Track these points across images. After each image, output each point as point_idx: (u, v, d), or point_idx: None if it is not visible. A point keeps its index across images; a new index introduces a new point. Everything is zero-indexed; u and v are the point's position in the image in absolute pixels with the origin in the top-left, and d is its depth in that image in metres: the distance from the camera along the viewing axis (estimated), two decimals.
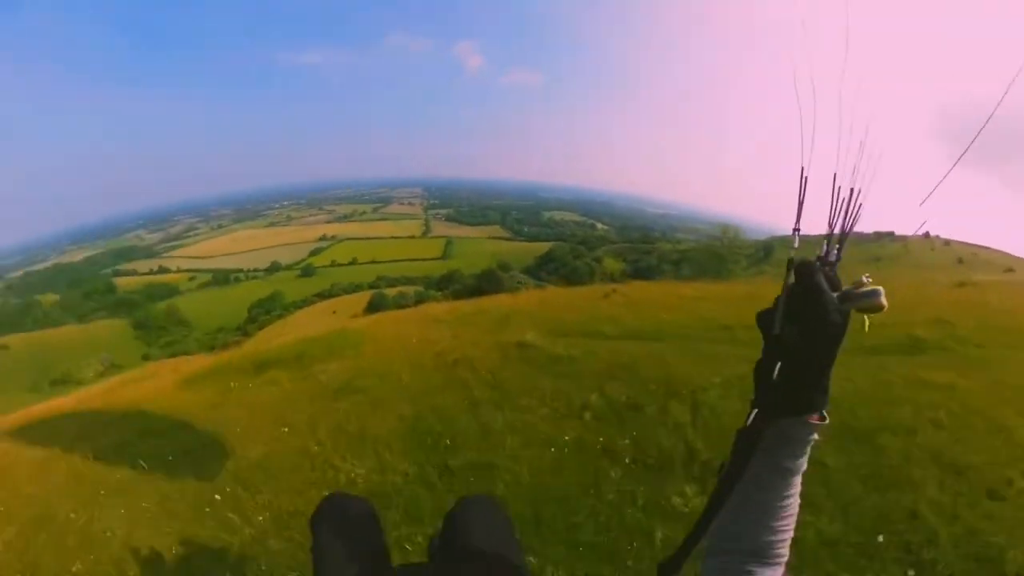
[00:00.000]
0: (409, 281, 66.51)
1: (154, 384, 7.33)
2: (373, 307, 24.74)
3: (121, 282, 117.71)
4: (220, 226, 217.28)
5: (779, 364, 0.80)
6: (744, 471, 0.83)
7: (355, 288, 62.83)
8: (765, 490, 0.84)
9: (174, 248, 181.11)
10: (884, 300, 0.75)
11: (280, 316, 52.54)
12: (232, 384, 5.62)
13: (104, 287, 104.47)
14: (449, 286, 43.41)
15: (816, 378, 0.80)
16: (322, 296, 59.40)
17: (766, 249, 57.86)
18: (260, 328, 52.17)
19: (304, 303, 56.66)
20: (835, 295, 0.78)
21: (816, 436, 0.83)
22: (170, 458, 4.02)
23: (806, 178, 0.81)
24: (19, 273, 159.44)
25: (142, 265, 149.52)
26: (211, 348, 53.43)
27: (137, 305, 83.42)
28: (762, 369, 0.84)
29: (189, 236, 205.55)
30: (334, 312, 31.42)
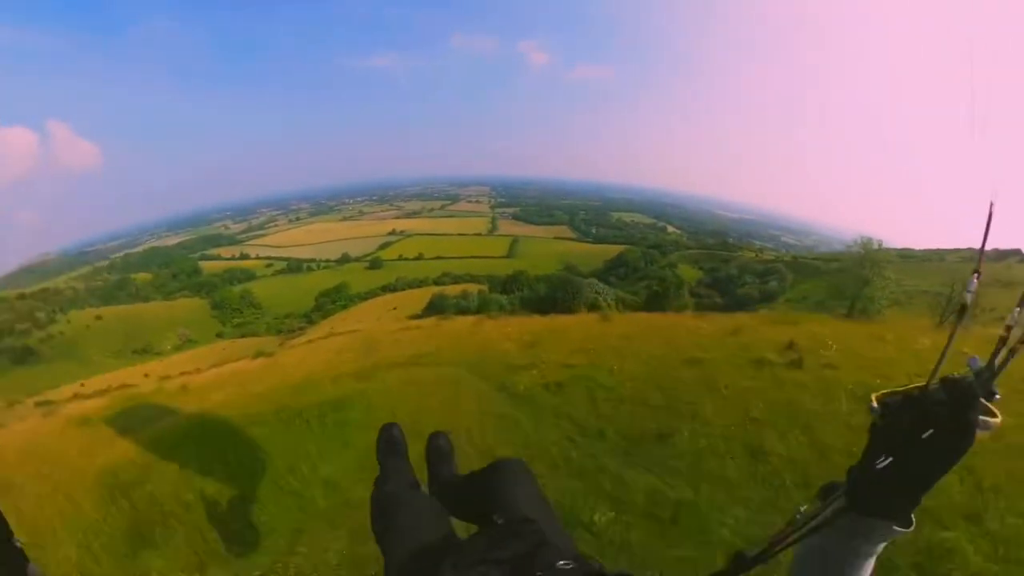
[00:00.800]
0: (474, 279, 64.66)
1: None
2: (433, 308, 22.04)
3: (206, 265, 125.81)
4: (298, 219, 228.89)
5: (889, 459, 0.80)
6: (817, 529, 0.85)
7: (419, 283, 61.70)
8: (836, 565, 0.86)
9: (255, 237, 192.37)
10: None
11: (344, 306, 52.33)
12: None
13: (190, 269, 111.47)
14: (515, 288, 40.32)
15: (919, 492, 0.81)
16: (387, 289, 58.73)
17: None
18: (324, 316, 52.33)
19: (369, 295, 56.18)
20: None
21: (891, 540, 0.84)
22: None
23: (992, 206, 0.75)
24: (121, 255, 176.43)
25: (226, 251, 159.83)
26: (278, 331, 54.45)
27: (216, 287, 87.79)
28: (869, 449, 0.84)
29: (270, 227, 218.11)
30: (394, 308, 29.48)
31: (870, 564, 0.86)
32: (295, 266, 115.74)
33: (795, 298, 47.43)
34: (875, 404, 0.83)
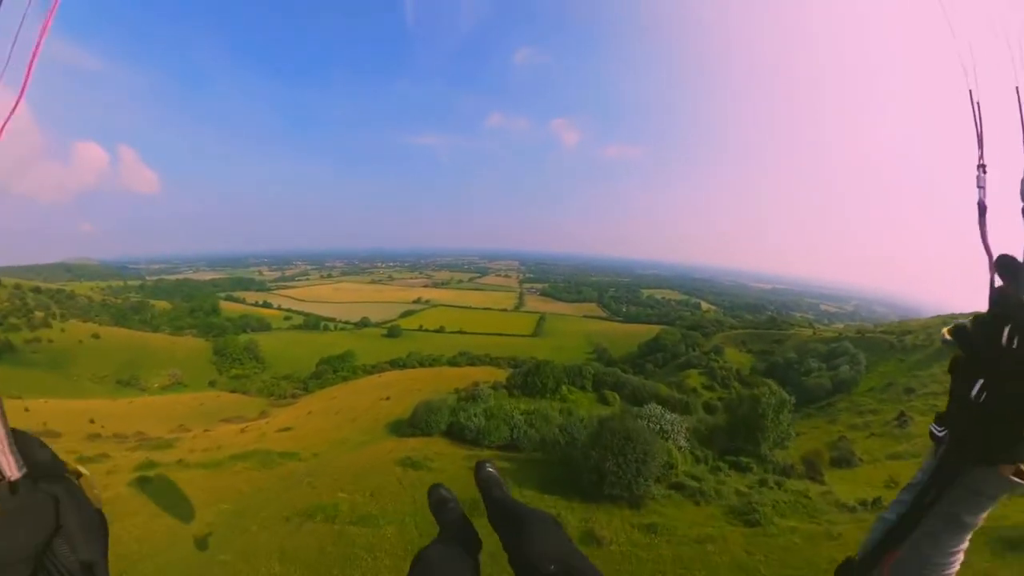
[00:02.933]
0: (493, 361, 58.88)
1: None
2: (416, 424, 16.74)
3: (226, 306, 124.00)
4: (329, 275, 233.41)
5: (979, 381, 0.68)
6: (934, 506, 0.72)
7: (432, 361, 56.18)
8: (932, 543, 0.72)
9: (285, 287, 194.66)
10: None
11: (345, 378, 47.15)
12: None
13: (209, 307, 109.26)
14: (539, 383, 33.82)
15: None
16: (396, 364, 53.32)
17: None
18: (321, 385, 47.16)
19: (375, 369, 50.92)
20: None
21: (1009, 494, 0.69)
22: None
23: (978, 103, 0.68)
24: (155, 279, 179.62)
25: (252, 296, 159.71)
26: (269, 394, 49.20)
27: (226, 331, 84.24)
28: (956, 383, 0.72)
29: (301, 279, 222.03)
30: (387, 399, 24.49)
31: (967, 539, 0.72)
32: (313, 322, 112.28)
33: (878, 385, 39.18)
34: (947, 336, 0.71)
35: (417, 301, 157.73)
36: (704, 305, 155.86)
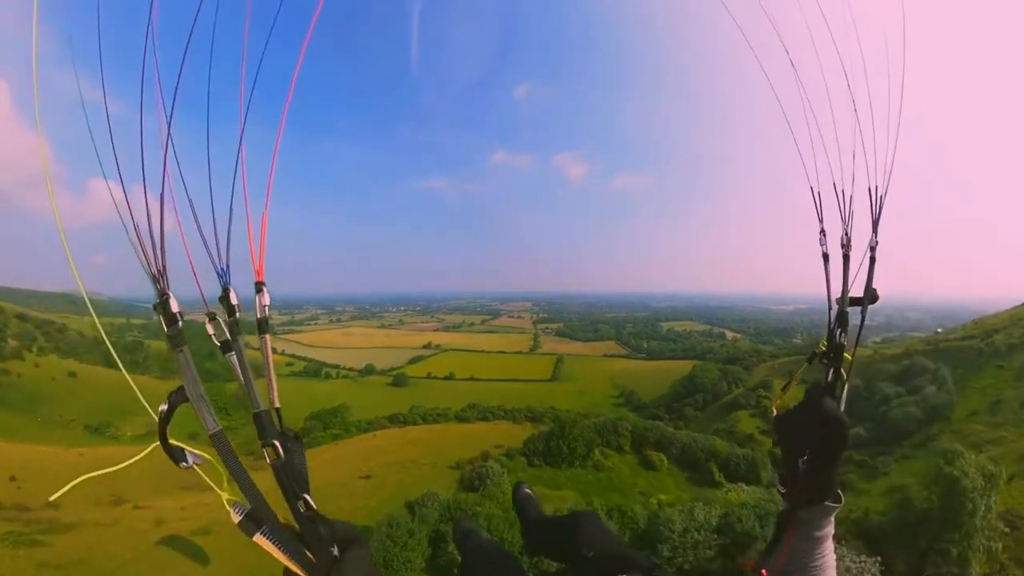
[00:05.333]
0: (508, 414, 51.81)
1: None
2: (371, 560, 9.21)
3: None
4: (339, 320, 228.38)
5: (802, 460, 1.12)
6: (782, 544, 1.14)
7: (437, 416, 49.21)
8: (804, 554, 1.13)
9: (292, 332, 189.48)
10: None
11: (335, 436, 40.73)
12: None
13: (207, 350, 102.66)
14: (564, 447, 26.89)
15: (832, 473, 1.11)
16: (395, 420, 46.44)
17: None
18: (308, 445, 40.48)
19: (370, 426, 44.08)
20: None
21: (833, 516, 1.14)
22: None
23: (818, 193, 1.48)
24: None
25: (255, 339, 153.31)
26: (249, 452, 42.68)
27: (217, 376, 78.31)
28: (786, 465, 1.18)
29: (310, 323, 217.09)
30: (367, 478, 18.01)
31: (829, 543, 1.12)
32: (314, 369, 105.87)
33: (982, 406, 32.12)
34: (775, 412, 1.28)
35: (427, 346, 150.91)
36: (729, 334, 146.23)
